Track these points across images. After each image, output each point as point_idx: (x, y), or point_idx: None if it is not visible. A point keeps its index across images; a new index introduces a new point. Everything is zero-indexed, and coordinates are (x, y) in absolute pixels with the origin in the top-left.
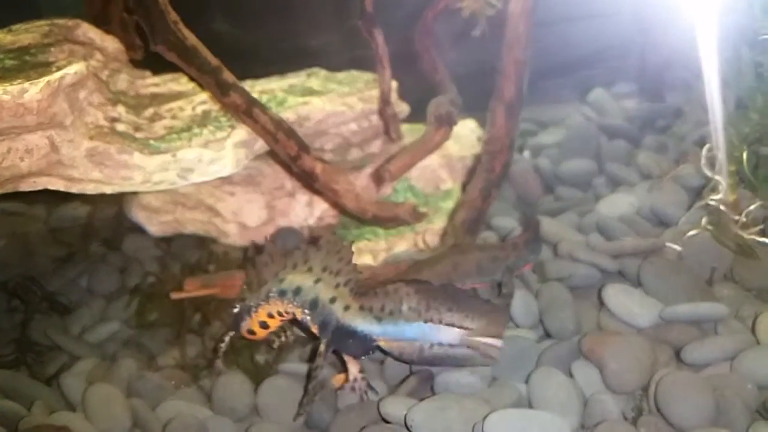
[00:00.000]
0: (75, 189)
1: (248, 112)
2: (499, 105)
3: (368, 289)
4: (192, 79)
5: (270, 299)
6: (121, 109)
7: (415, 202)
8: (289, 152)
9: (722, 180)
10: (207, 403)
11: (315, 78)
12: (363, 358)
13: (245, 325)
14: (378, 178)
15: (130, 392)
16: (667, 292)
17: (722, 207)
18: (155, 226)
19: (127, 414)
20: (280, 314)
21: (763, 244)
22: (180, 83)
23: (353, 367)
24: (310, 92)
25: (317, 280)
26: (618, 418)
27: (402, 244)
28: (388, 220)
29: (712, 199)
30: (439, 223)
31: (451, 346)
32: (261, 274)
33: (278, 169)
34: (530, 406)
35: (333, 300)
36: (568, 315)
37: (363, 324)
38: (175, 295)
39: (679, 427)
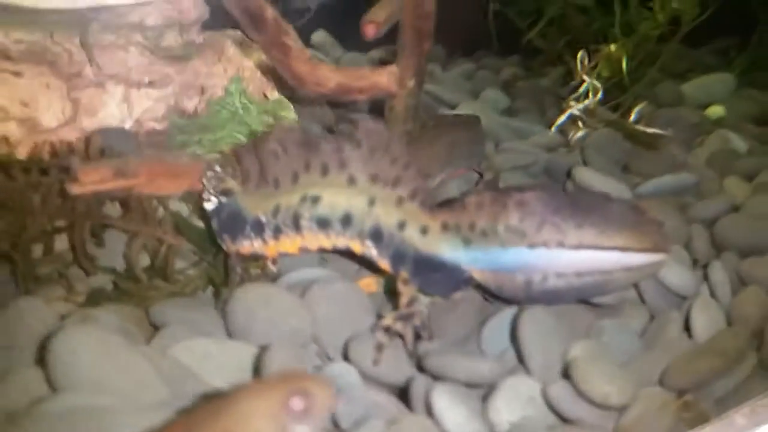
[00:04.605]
0: None
1: None
2: None
3: (451, 199)
4: None
5: (303, 230)
6: None
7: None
8: None
9: (598, 84)
10: None
11: None
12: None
13: (247, 245)
14: (364, 29)
15: None
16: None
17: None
18: None
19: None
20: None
21: (661, 135)
22: None
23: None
24: None
25: (371, 201)
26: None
27: None
28: (361, 91)
29: (575, 103)
30: None
31: (579, 275)
32: (268, 168)
33: (72, 46)
34: None
35: (402, 225)
36: None
37: (448, 250)
38: (75, 189)
39: None
